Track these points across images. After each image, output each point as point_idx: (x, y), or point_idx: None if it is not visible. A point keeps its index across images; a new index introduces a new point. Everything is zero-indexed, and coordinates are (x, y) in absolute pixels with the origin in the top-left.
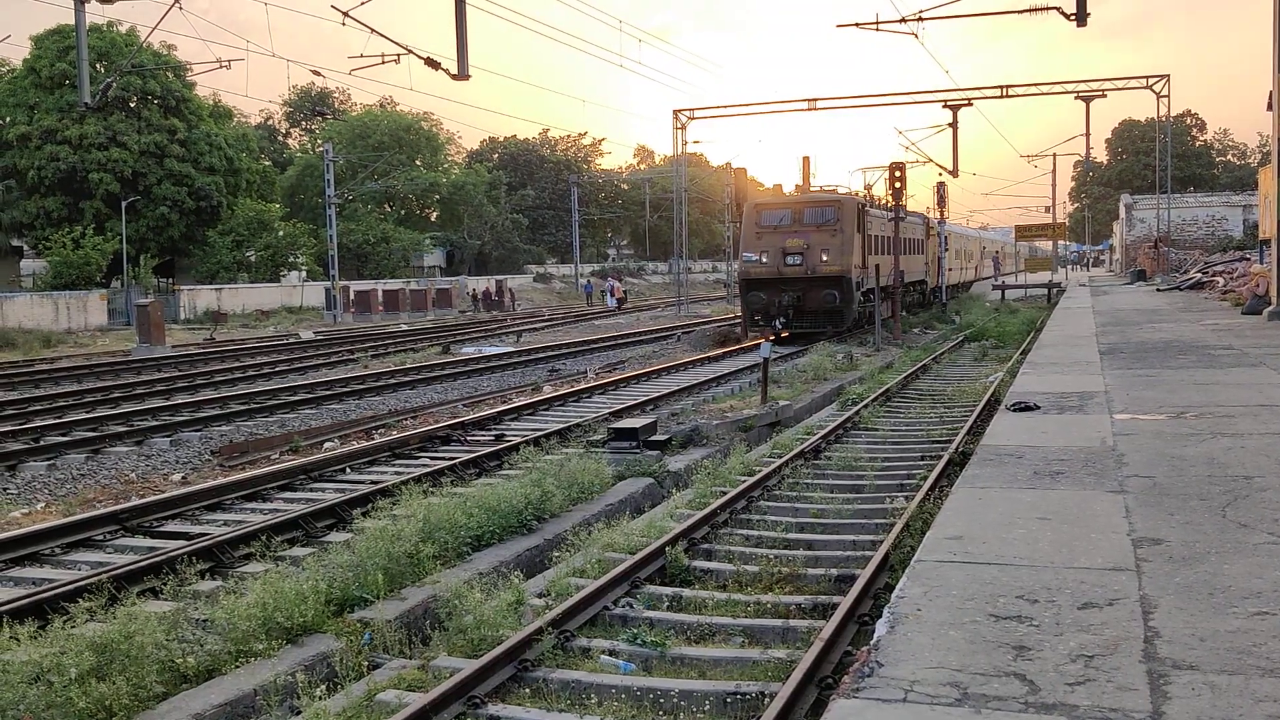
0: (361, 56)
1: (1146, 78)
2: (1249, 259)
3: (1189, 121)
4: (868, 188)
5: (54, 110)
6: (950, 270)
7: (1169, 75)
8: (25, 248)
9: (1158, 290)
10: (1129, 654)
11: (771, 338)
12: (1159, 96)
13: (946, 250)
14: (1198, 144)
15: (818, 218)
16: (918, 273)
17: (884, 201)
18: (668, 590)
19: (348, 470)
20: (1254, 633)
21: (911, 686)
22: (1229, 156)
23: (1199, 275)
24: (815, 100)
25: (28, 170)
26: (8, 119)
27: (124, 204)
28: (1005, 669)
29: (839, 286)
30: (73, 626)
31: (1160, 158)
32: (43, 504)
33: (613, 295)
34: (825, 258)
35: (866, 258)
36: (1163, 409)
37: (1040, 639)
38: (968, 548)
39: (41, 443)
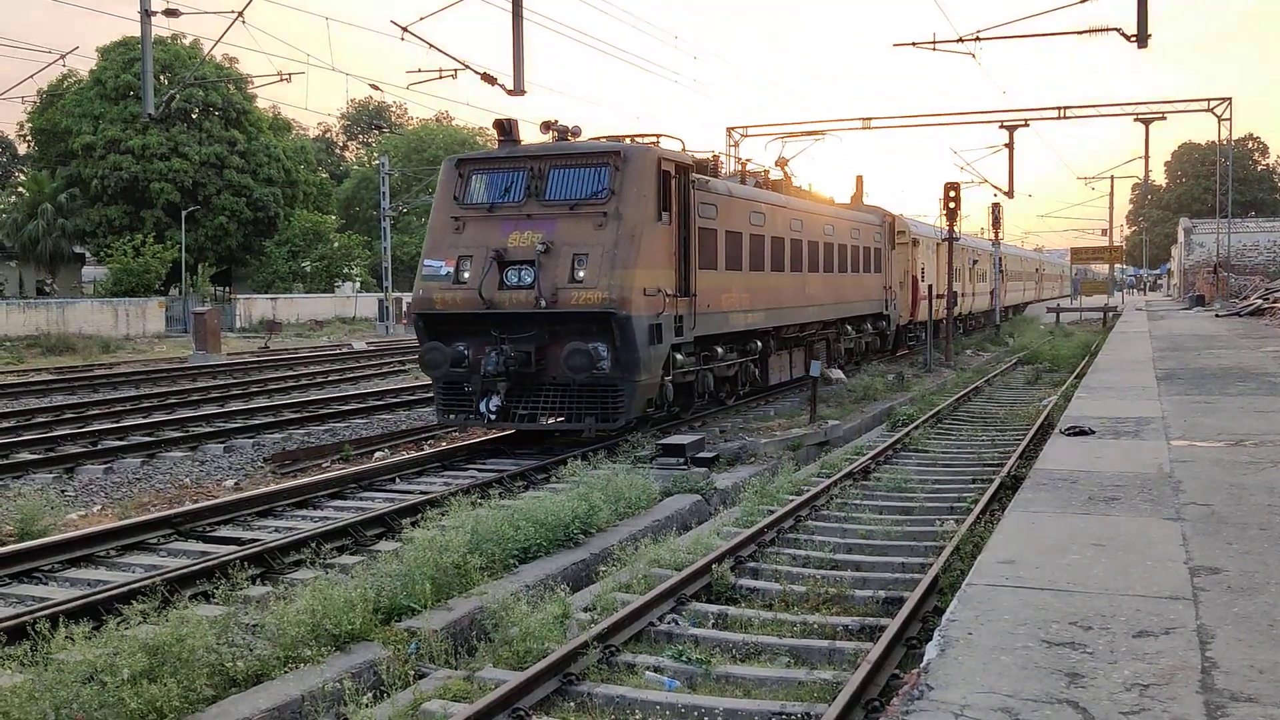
0: (419, 71)
1: (1207, 100)
2: None
3: (1251, 145)
4: (775, 169)
5: (118, 121)
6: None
7: (1231, 98)
8: (87, 255)
9: (1217, 316)
10: (1185, 684)
11: (479, 435)
12: (1220, 119)
13: (1002, 274)
14: (1260, 168)
15: (573, 187)
16: (862, 302)
17: (772, 175)
18: (713, 608)
19: (397, 480)
20: None
21: (961, 711)
22: None
23: (1259, 301)
24: (870, 119)
25: (91, 179)
26: (73, 129)
27: (184, 213)
28: (1058, 696)
29: (608, 333)
30: (126, 628)
31: (1221, 181)
32: (99, 506)
33: None
34: (581, 273)
35: (693, 276)
36: (1221, 436)
37: (1094, 666)
38: (1020, 572)
39: (99, 446)
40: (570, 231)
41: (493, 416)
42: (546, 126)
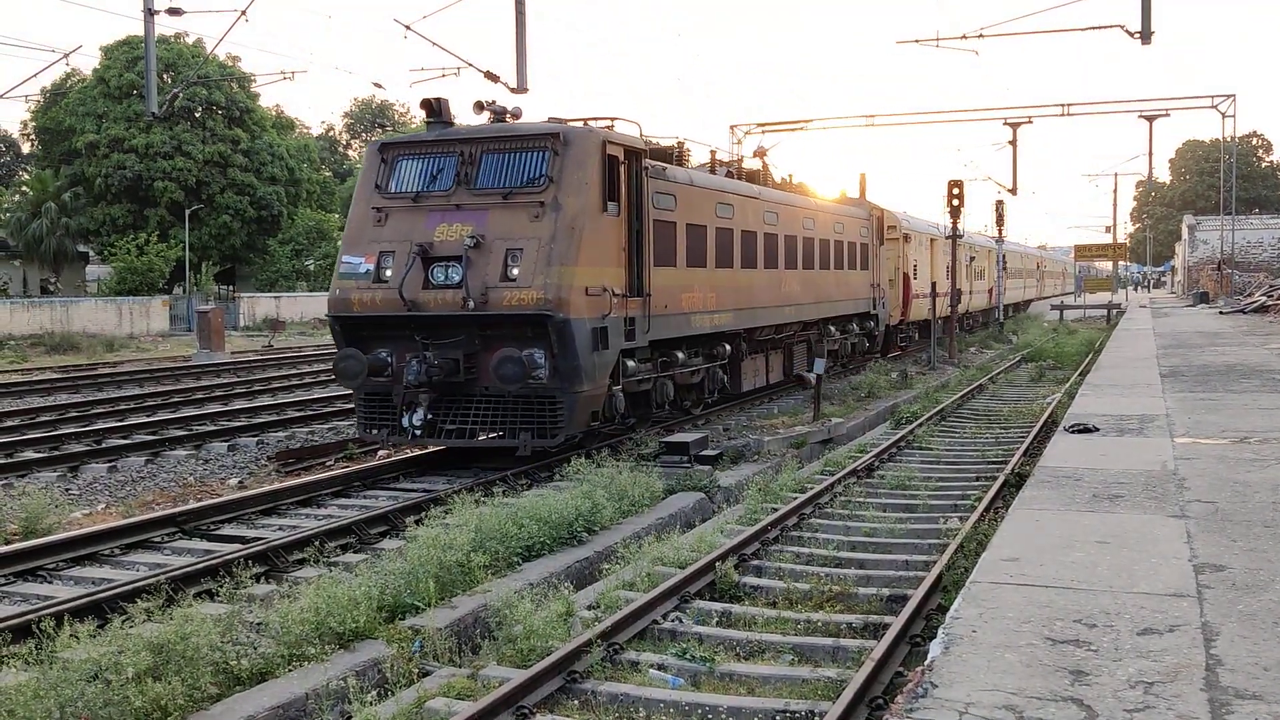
0: (422, 70)
1: (1211, 97)
2: None
3: (1255, 142)
4: (752, 159)
5: (121, 119)
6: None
7: (1235, 95)
8: (91, 254)
9: (1221, 313)
10: (1190, 682)
11: (392, 452)
12: (1224, 116)
13: (1005, 270)
14: (1264, 164)
15: (507, 174)
16: (846, 301)
17: (741, 164)
18: (717, 606)
19: (401, 478)
20: None
21: (966, 709)
22: None
23: (1264, 298)
24: (874, 116)
25: (95, 178)
26: (77, 127)
27: (187, 212)
28: (1062, 693)
29: (545, 338)
30: (131, 626)
31: (1225, 178)
32: (103, 505)
33: None
34: (514, 270)
35: (646, 273)
36: (1225, 433)
37: (1098, 664)
38: (1024, 570)
39: (103, 445)
40: (503, 223)
41: (417, 432)
42: (480, 107)
